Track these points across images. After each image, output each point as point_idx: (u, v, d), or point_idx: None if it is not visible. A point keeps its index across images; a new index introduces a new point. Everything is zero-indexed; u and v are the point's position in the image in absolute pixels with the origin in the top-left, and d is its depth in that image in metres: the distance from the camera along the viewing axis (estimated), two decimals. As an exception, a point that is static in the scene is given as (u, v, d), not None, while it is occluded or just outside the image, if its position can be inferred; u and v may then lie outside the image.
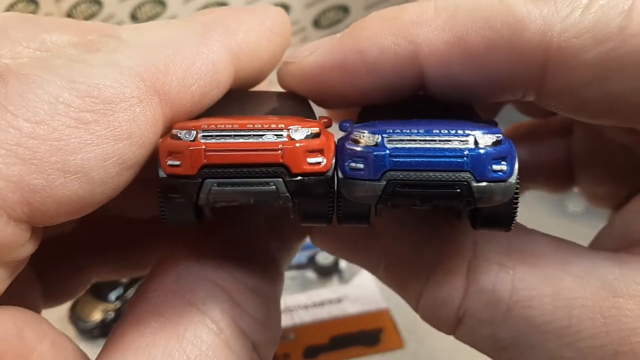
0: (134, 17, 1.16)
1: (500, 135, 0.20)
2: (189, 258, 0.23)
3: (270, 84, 0.28)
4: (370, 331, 0.72)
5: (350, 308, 0.75)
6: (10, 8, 1.07)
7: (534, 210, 0.42)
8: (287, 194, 0.19)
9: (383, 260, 0.25)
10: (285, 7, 1.20)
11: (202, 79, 0.22)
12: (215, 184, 0.19)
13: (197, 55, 0.22)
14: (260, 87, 0.28)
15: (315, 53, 0.24)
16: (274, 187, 0.19)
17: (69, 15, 1.13)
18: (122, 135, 0.19)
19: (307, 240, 0.31)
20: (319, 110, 0.25)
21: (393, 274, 0.25)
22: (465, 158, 0.19)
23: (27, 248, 0.19)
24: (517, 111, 0.37)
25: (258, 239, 0.26)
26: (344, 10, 1.23)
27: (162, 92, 0.20)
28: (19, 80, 0.18)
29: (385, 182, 0.19)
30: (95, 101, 0.18)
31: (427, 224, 0.24)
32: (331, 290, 0.78)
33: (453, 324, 0.23)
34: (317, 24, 1.23)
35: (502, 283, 0.21)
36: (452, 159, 0.19)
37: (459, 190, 0.19)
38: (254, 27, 0.25)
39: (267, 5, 0.27)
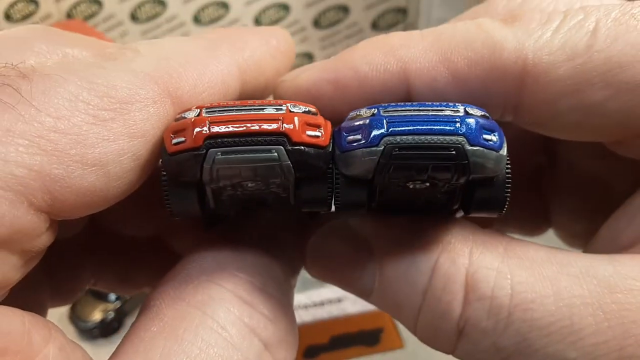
0: (134, 17, 1.16)
1: (487, 113, 0.21)
2: (189, 267, 0.24)
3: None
4: (370, 331, 0.72)
5: (351, 308, 0.75)
6: (9, 8, 1.07)
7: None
8: (289, 162, 0.20)
9: (377, 280, 0.25)
10: (285, 7, 1.20)
11: (212, 87, 0.23)
12: (219, 153, 0.20)
13: (208, 66, 0.24)
14: None
15: (309, 71, 0.26)
16: (275, 154, 0.20)
17: (69, 15, 1.13)
18: (136, 133, 0.20)
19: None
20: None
21: (389, 294, 0.25)
22: (458, 124, 0.20)
23: (43, 239, 0.19)
24: None
25: (260, 248, 0.26)
26: (344, 10, 1.23)
27: (175, 96, 0.22)
28: (43, 79, 0.19)
29: (383, 147, 0.20)
30: (112, 101, 0.20)
31: (421, 234, 0.24)
32: (331, 289, 0.78)
33: (454, 338, 0.23)
34: (317, 23, 1.24)
35: (500, 288, 0.22)
36: (446, 124, 0.20)
37: (454, 152, 0.20)
38: (260, 45, 0.27)
39: (273, 27, 0.30)
